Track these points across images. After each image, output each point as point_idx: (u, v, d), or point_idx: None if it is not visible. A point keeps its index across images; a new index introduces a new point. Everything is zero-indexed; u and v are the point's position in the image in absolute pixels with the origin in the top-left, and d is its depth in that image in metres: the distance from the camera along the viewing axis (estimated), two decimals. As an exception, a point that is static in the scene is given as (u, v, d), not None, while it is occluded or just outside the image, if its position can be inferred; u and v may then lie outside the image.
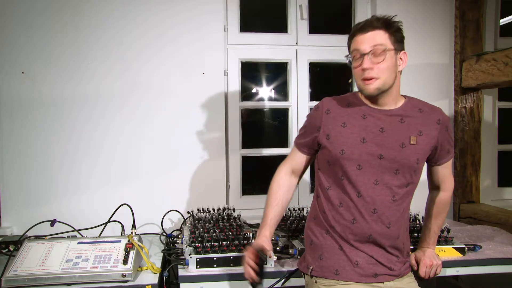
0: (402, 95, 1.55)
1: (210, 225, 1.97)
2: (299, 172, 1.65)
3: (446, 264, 1.76)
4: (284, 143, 2.73)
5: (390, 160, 1.45)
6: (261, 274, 1.44)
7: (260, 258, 1.45)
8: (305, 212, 2.27)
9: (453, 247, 1.84)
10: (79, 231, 2.10)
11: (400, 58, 1.47)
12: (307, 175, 2.68)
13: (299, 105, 2.68)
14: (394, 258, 1.49)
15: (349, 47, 1.51)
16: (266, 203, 1.61)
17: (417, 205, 1.75)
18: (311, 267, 1.51)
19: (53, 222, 2.01)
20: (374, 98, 1.49)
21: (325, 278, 1.48)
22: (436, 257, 1.68)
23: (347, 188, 1.47)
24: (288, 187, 1.63)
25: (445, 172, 1.62)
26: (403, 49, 1.48)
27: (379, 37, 1.41)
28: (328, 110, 1.53)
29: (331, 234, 1.49)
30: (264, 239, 1.53)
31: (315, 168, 1.62)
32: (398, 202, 1.47)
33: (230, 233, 1.87)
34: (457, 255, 1.83)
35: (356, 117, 1.50)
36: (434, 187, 1.68)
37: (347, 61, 1.51)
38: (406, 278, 1.52)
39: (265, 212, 1.59)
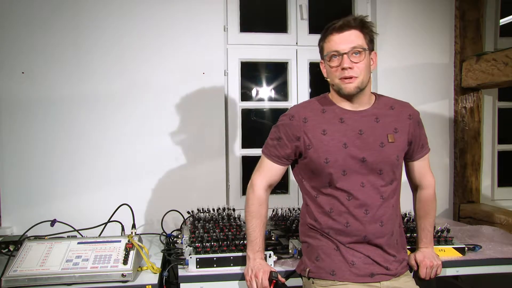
0: (372, 92, 1.57)
1: (210, 225, 1.96)
2: (274, 184, 1.61)
3: (446, 264, 1.76)
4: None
5: (372, 162, 1.46)
6: None
7: (277, 282, 1.47)
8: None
9: (453, 247, 1.83)
10: (79, 231, 2.09)
11: (372, 58, 1.50)
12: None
13: (299, 105, 2.68)
14: (391, 258, 1.49)
15: (322, 49, 1.51)
16: (250, 224, 1.55)
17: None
18: (307, 269, 1.52)
19: (53, 222, 2.01)
20: (350, 98, 1.49)
21: (321, 279, 1.48)
22: (436, 257, 1.68)
23: (335, 194, 1.47)
24: (267, 203, 1.59)
25: (422, 167, 1.63)
26: (373, 49, 1.51)
27: (356, 37, 1.44)
28: (305, 118, 1.51)
29: (326, 236, 1.50)
30: (263, 263, 1.54)
31: (297, 178, 1.61)
32: (386, 200, 1.48)
33: (230, 233, 1.87)
34: (457, 255, 1.83)
35: (334, 122, 1.50)
36: (415, 186, 1.69)
37: (321, 68, 1.53)
38: (403, 277, 1.52)
39: (252, 235, 1.54)
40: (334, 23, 1.45)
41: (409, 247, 1.73)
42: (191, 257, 1.64)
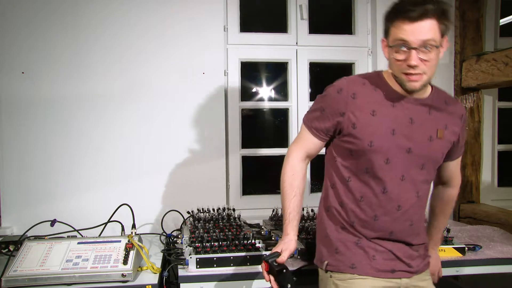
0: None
1: (210, 225, 1.97)
2: (312, 157, 1.49)
3: (446, 264, 1.76)
4: (284, 143, 2.73)
5: (417, 154, 1.36)
6: (281, 282, 1.31)
7: (270, 267, 1.34)
8: (305, 212, 2.27)
9: (453, 247, 1.84)
10: (79, 231, 2.09)
11: (442, 46, 1.31)
12: (307, 174, 2.67)
13: (299, 105, 2.68)
14: (414, 253, 1.42)
15: (388, 30, 1.29)
16: (282, 195, 1.46)
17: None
18: (325, 262, 1.42)
19: (53, 222, 2.01)
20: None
21: (340, 272, 1.40)
22: (439, 260, 1.67)
23: (371, 183, 1.36)
24: (303, 175, 1.46)
25: (456, 167, 1.56)
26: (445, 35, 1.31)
27: (431, 30, 1.24)
28: (354, 94, 1.35)
29: (348, 229, 1.40)
30: (286, 239, 1.42)
31: (331, 154, 1.46)
32: (421, 198, 1.40)
33: (230, 233, 1.87)
34: (457, 255, 1.83)
35: (386, 104, 1.35)
36: (441, 182, 1.60)
37: (382, 47, 1.35)
38: (422, 274, 1.45)
39: (283, 206, 1.45)
40: (407, 4, 1.23)
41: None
42: (191, 257, 1.64)
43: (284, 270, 1.33)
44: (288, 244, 1.42)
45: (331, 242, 1.43)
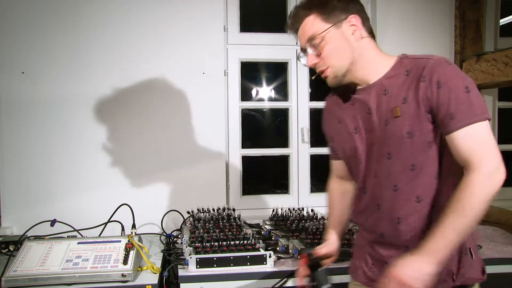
0: (397, 56, 1.25)
1: (210, 225, 1.97)
2: (346, 176, 1.45)
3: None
4: (284, 143, 2.73)
5: (379, 144, 1.22)
6: (317, 279, 1.29)
7: (310, 260, 1.33)
8: (304, 212, 2.27)
9: (453, 247, 1.83)
10: (79, 231, 2.10)
11: (351, 25, 1.22)
12: (306, 175, 2.67)
13: (299, 105, 2.68)
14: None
15: None
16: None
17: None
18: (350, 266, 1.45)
19: (53, 222, 2.01)
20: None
21: (352, 277, 1.41)
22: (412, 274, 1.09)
23: (356, 187, 1.34)
24: (340, 191, 1.51)
25: (463, 143, 1.09)
26: (346, 15, 1.21)
27: (308, 27, 1.24)
28: (328, 110, 1.41)
29: (359, 230, 1.42)
30: (326, 242, 1.46)
31: None
32: (401, 191, 1.19)
33: (230, 233, 1.87)
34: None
35: (347, 106, 1.32)
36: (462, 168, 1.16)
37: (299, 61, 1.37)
38: None
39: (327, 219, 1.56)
40: (287, 24, 1.32)
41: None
42: (191, 257, 1.64)
43: (323, 268, 1.32)
44: (328, 244, 1.44)
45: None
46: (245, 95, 2.72)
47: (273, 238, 1.99)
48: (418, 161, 1.17)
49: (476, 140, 1.09)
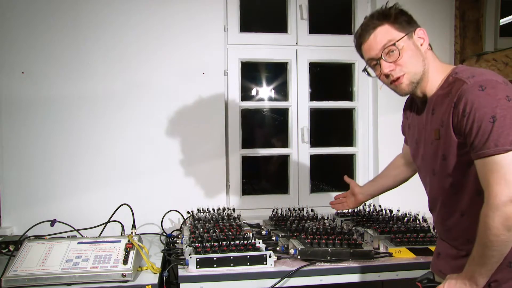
0: (451, 68, 1.29)
1: (210, 225, 1.96)
2: (409, 161, 1.68)
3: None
4: (284, 143, 2.73)
5: (426, 160, 1.35)
6: None
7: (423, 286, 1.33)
8: (304, 212, 2.27)
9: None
10: (79, 231, 2.10)
11: (419, 37, 1.30)
12: (306, 175, 2.67)
13: (299, 105, 2.68)
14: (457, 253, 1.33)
15: (362, 57, 1.40)
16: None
17: (417, 205, 1.74)
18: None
19: (53, 222, 2.01)
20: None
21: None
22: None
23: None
24: (397, 164, 1.79)
25: (482, 172, 1.13)
26: (415, 27, 1.31)
27: (382, 35, 1.28)
28: (405, 110, 1.54)
29: None
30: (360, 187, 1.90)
31: None
32: (447, 205, 1.31)
33: (230, 233, 1.87)
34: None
35: (413, 114, 1.45)
36: None
37: (366, 74, 1.41)
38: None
39: None
40: (357, 32, 1.36)
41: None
42: (191, 257, 1.64)
43: None
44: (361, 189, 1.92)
45: None
46: (245, 95, 2.72)
47: (273, 238, 1.99)
48: (456, 180, 1.25)
49: (491, 172, 1.10)
